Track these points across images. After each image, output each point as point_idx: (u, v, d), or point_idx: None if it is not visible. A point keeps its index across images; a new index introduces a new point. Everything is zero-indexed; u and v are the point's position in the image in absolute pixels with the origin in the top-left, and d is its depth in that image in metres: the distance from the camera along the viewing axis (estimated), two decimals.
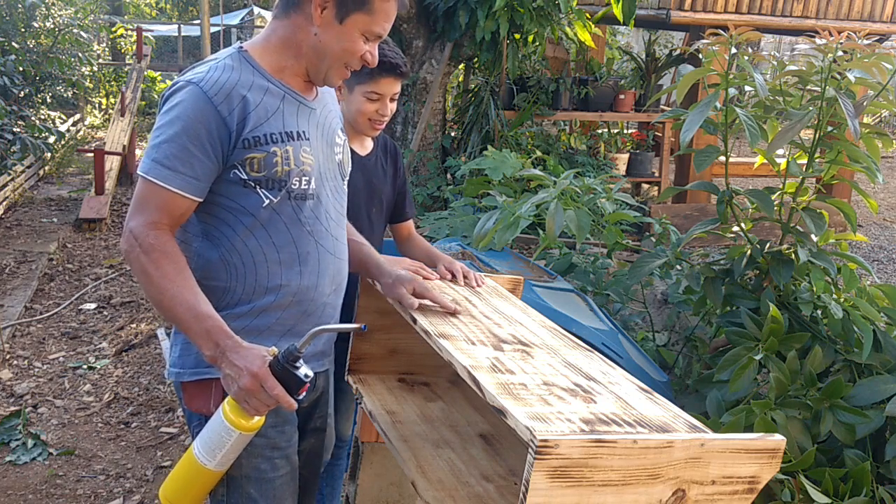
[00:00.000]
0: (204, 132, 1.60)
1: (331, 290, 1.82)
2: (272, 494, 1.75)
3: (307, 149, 1.72)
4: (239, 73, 1.66)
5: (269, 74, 1.70)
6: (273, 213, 1.69)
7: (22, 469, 3.36)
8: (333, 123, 1.86)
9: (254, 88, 1.66)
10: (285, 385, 1.52)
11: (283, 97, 1.71)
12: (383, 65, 2.20)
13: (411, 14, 6.88)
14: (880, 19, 8.23)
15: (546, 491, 1.19)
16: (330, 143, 1.82)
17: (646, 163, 8.23)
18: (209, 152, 1.61)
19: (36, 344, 4.69)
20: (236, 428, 1.56)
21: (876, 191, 10.18)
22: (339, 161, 1.86)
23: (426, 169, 7.21)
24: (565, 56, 8.02)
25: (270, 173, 1.66)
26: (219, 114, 1.61)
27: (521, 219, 3.30)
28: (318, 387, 1.91)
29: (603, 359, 1.66)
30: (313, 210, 1.75)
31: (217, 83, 1.62)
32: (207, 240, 1.70)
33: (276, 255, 1.71)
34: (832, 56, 2.62)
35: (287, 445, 1.78)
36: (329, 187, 1.80)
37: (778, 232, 2.92)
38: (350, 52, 1.68)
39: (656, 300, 4.11)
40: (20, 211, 7.51)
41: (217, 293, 1.70)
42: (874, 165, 2.75)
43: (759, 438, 1.33)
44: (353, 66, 1.72)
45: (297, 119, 1.72)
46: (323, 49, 1.68)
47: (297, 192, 1.70)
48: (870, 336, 2.56)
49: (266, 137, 1.65)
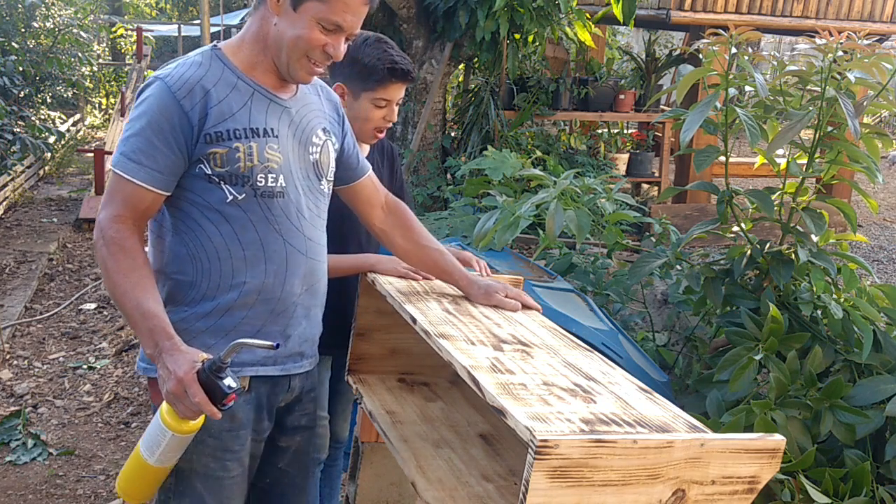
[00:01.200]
0: (167, 126, 1.63)
1: (302, 291, 1.81)
2: (219, 493, 1.76)
3: (274, 146, 1.72)
4: (206, 70, 1.68)
5: (240, 71, 1.71)
6: (239, 209, 1.70)
7: (22, 469, 3.36)
8: (313, 122, 1.84)
9: (220, 84, 1.68)
10: (210, 393, 1.51)
11: (252, 94, 1.72)
12: (395, 72, 2.19)
13: (411, 14, 6.88)
14: (880, 19, 8.23)
15: (546, 491, 1.19)
16: (304, 142, 1.80)
17: (646, 163, 8.23)
18: (172, 146, 1.64)
19: (36, 344, 4.69)
20: (169, 429, 1.57)
21: (876, 191, 10.18)
22: (315, 160, 1.83)
23: (426, 169, 7.21)
24: (565, 56, 8.02)
25: (233, 168, 1.67)
26: (181, 108, 1.63)
27: (521, 219, 3.30)
28: (295, 387, 1.89)
29: (603, 359, 1.66)
30: (283, 208, 1.74)
31: (181, 79, 1.65)
32: (177, 235, 1.72)
33: (241, 252, 1.71)
34: (832, 56, 2.62)
35: (240, 448, 1.78)
36: (301, 186, 1.79)
37: (778, 232, 2.92)
38: (306, 40, 1.67)
39: (656, 300, 4.11)
40: (20, 211, 7.51)
41: (183, 288, 1.72)
42: (874, 165, 2.75)
43: (759, 438, 1.33)
44: (316, 59, 1.70)
45: (266, 116, 1.72)
46: (280, 38, 1.68)
47: (264, 189, 1.71)
48: (870, 336, 2.56)
49: (229, 133, 1.67)
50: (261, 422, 1.82)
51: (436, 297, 1.92)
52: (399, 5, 6.76)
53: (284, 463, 1.94)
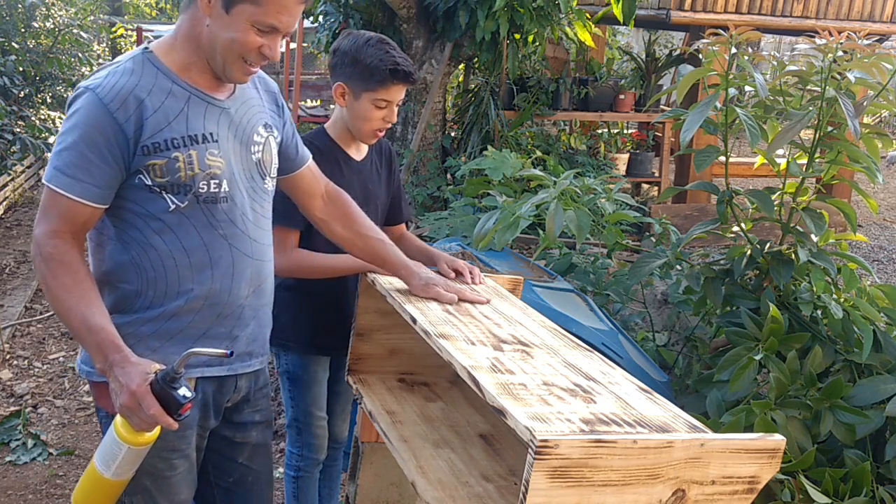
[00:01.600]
0: (101, 140, 1.58)
1: (248, 293, 1.80)
2: (167, 489, 1.77)
3: (214, 151, 1.69)
4: (139, 77, 1.63)
5: (173, 74, 1.66)
6: (182, 217, 1.67)
7: (22, 469, 3.36)
8: (253, 121, 1.80)
9: (154, 91, 1.63)
10: (165, 404, 1.50)
11: (189, 98, 1.67)
12: (397, 73, 2.18)
13: (411, 14, 6.87)
14: (880, 19, 8.23)
15: (546, 491, 1.19)
16: (245, 142, 1.77)
17: (646, 163, 8.22)
18: (108, 159, 1.59)
19: (36, 344, 4.69)
20: (125, 442, 1.55)
21: (876, 191, 10.18)
22: (258, 160, 1.80)
23: (426, 169, 7.20)
24: (565, 56, 8.02)
25: (174, 178, 1.64)
26: (115, 120, 1.59)
27: (520, 219, 3.30)
28: (242, 387, 1.88)
29: (603, 359, 1.66)
30: (227, 213, 1.72)
31: (113, 89, 1.60)
32: (120, 243, 1.69)
33: (186, 259, 1.69)
34: (832, 56, 2.62)
35: (186, 447, 1.78)
36: (244, 188, 1.76)
37: (778, 232, 2.92)
38: (241, 43, 1.62)
39: (656, 300, 4.11)
40: (20, 211, 7.50)
41: (129, 296, 1.70)
42: (874, 165, 2.75)
43: (758, 438, 1.33)
44: (252, 61, 1.65)
45: (204, 121, 1.68)
46: (214, 41, 1.63)
47: (207, 195, 1.68)
48: (870, 336, 2.56)
49: (167, 143, 1.63)
50: (206, 419, 1.82)
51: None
52: (399, 5, 6.76)
53: (245, 458, 1.94)
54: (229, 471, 1.93)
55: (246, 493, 1.96)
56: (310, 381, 2.40)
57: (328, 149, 2.33)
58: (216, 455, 1.91)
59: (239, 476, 1.94)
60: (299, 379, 2.39)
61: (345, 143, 2.35)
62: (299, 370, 2.39)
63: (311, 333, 2.37)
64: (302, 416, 2.42)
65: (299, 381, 2.39)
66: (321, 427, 2.45)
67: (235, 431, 1.91)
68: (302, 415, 2.42)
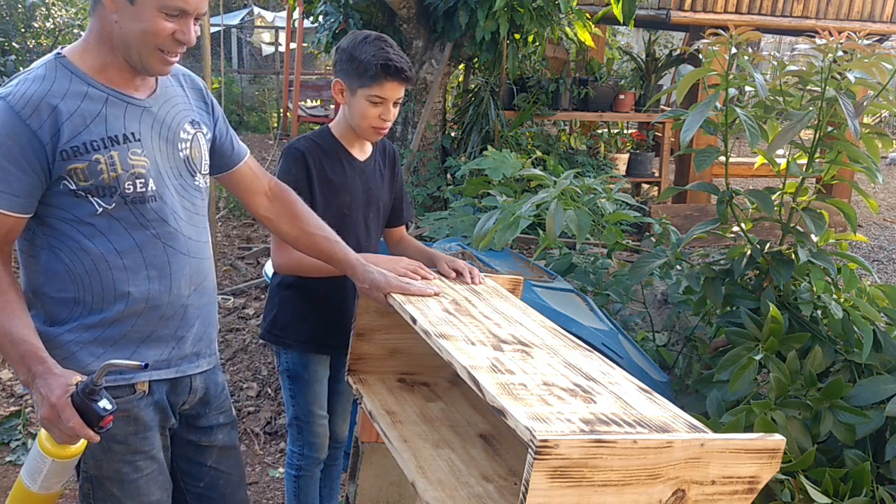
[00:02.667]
0: (16, 149, 1.55)
1: (189, 291, 1.78)
2: (136, 493, 1.75)
3: (137, 150, 1.66)
4: (51, 83, 1.59)
5: (89, 77, 1.63)
6: (111, 219, 1.65)
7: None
8: (178, 117, 1.76)
9: (69, 96, 1.59)
10: (85, 417, 1.48)
11: (106, 100, 1.63)
12: (389, 68, 2.18)
13: (411, 14, 6.88)
14: (880, 19, 8.23)
15: (546, 491, 1.19)
16: (171, 139, 1.74)
17: (646, 163, 8.23)
18: (26, 168, 1.57)
19: None
20: (49, 455, 1.54)
21: (876, 191, 10.18)
22: (185, 157, 1.77)
23: (426, 169, 7.21)
24: (565, 56, 8.02)
25: (98, 181, 1.61)
26: (28, 128, 1.55)
27: (521, 219, 3.30)
28: (197, 388, 1.87)
29: (603, 359, 1.66)
30: (157, 212, 1.70)
31: (24, 97, 1.57)
32: (52, 252, 1.67)
33: (119, 262, 1.67)
34: (832, 56, 2.62)
35: (150, 447, 1.77)
36: (173, 186, 1.74)
37: (778, 232, 2.92)
38: (152, 33, 1.58)
39: (656, 300, 4.11)
40: None
41: (68, 305, 1.68)
42: (874, 165, 2.75)
43: (758, 438, 1.33)
44: (168, 49, 1.61)
45: (125, 121, 1.65)
46: (125, 35, 1.59)
47: (134, 195, 1.66)
48: (870, 336, 2.56)
49: (85, 146, 1.60)
50: (167, 419, 1.82)
51: (436, 297, 1.92)
52: (399, 5, 6.76)
53: (213, 461, 1.94)
54: (199, 476, 1.93)
55: (219, 497, 1.96)
56: (310, 380, 2.40)
57: (331, 147, 2.33)
58: (184, 461, 1.91)
59: (210, 480, 1.94)
60: (300, 377, 2.39)
61: (348, 143, 2.35)
62: (299, 368, 2.39)
63: (312, 332, 2.37)
64: (303, 414, 2.42)
65: (300, 379, 2.39)
66: (322, 426, 2.45)
67: (201, 436, 1.91)
68: (303, 413, 2.42)
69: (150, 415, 1.76)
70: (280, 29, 15.05)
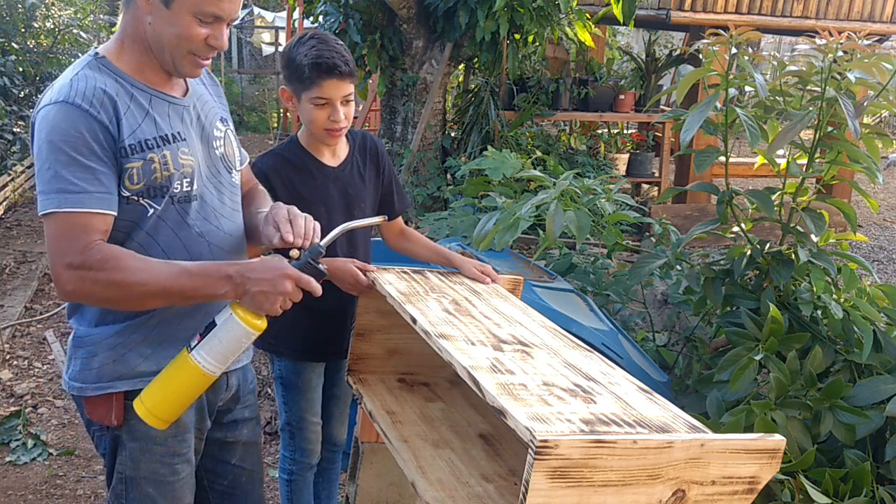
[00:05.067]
0: (96, 145, 1.54)
1: None
2: (171, 495, 1.77)
3: (185, 150, 1.67)
4: (103, 80, 1.59)
5: (130, 77, 1.62)
6: (158, 220, 1.64)
7: (22, 469, 3.36)
8: (210, 116, 1.77)
9: (119, 95, 1.59)
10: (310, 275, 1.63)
11: (151, 99, 1.64)
12: (320, 66, 2.08)
13: (411, 14, 6.88)
14: (880, 19, 8.23)
15: (546, 491, 1.19)
16: (206, 138, 1.75)
17: (646, 163, 8.23)
18: (108, 163, 1.56)
19: (36, 344, 4.69)
20: (256, 330, 1.62)
21: (876, 191, 10.18)
22: (221, 154, 1.78)
23: (426, 169, 7.21)
24: (565, 56, 8.02)
25: (150, 181, 1.61)
26: (101, 122, 1.54)
27: (521, 220, 3.30)
28: (232, 385, 1.89)
29: (603, 359, 1.66)
30: (199, 211, 1.70)
31: (85, 93, 1.55)
32: None
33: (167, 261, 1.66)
34: (832, 56, 2.62)
35: (187, 450, 1.78)
36: (212, 185, 1.75)
37: (778, 232, 2.92)
38: (186, 38, 1.58)
39: (656, 300, 4.11)
40: (20, 211, 7.50)
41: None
42: (874, 165, 2.75)
43: (758, 438, 1.33)
44: (201, 53, 1.62)
45: (170, 120, 1.66)
46: (159, 38, 1.59)
47: (181, 195, 1.66)
48: (870, 336, 2.56)
49: (141, 144, 1.59)
50: (203, 421, 1.83)
51: (436, 297, 1.92)
52: (399, 5, 6.76)
53: (237, 458, 1.94)
54: (223, 474, 1.93)
55: (241, 494, 1.96)
56: (303, 387, 2.37)
57: (298, 159, 2.25)
58: (209, 460, 1.91)
59: (233, 478, 1.94)
60: (293, 384, 2.36)
61: (317, 151, 2.27)
62: (292, 376, 2.36)
63: (305, 340, 2.32)
64: (295, 420, 2.40)
65: (293, 386, 2.36)
66: (315, 432, 2.43)
67: (227, 432, 1.91)
68: (295, 420, 2.40)
69: (189, 416, 1.77)
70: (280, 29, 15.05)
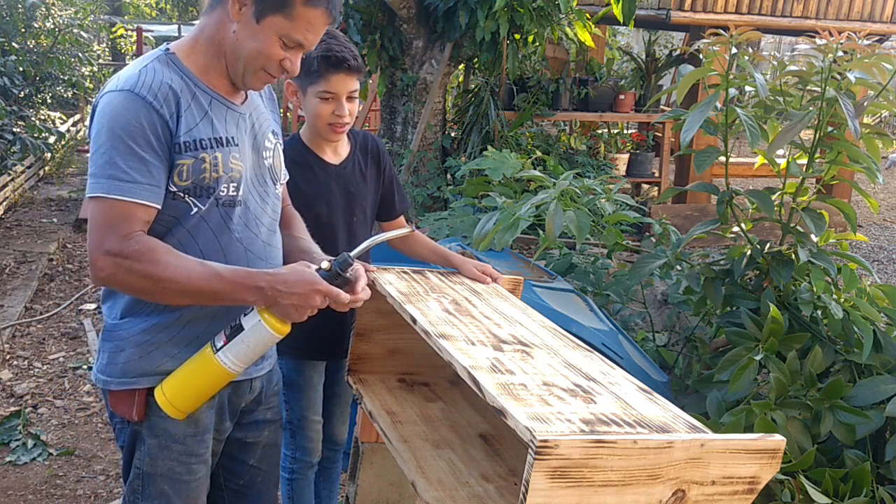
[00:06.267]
0: (154, 138, 1.57)
1: None
2: (186, 494, 1.78)
3: (237, 155, 1.69)
4: (169, 76, 1.62)
5: (195, 77, 1.66)
6: (201, 220, 1.66)
7: (22, 469, 3.36)
8: (264, 126, 1.81)
9: (184, 92, 1.63)
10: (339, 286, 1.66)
11: (211, 102, 1.67)
12: (329, 60, 2.11)
13: (411, 14, 6.88)
14: (880, 19, 8.23)
15: (546, 491, 1.19)
16: (258, 148, 1.78)
17: (646, 163, 8.23)
18: (161, 157, 1.59)
19: (36, 344, 4.69)
20: (281, 335, 1.65)
21: (876, 191, 10.18)
22: (269, 165, 1.81)
23: (426, 169, 7.21)
24: (565, 56, 8.02)
25: (198, 180, 1.63)
26: (161, 117, 1.58)
27: (520, 220, 3.30)
28: (255, 388, 1.89)
29: (603, 359, 1.66)
30: (242, 217, 1.72)
31: (151, 86, 1.58)
32: None
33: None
34: (832, 56, 2.62)
35: (204, 451, 1.79)
36: (257, 193, 1.77)
37: (778, 232, 2.92)
38: (265, 55, 1.63)
39: (656, 300, 4.11)
40: (20, 211, 7.50)
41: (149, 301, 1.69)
42: (874, 165, 2.75)
43: (759, 439, 1.33)
44: (272, 72, 1.66)
45: (226, 124, 1.68)
46: (239, 48, 1.63)
47: (226, 199, 1.68)
48: (870, 336, 2.56)
49: (196, 143, 1.62)
50: (222, 423, 1.83)
51: (436, 297, 1.92)
52: (399, 5, 6.76)
53: (255, 459, 1.94)
54: (240, 473, 1.93)
55: (255, 494, 1.97)
56: (304, 386, 2.37)
57: (301, 156, 2.27)
58: (227, 458, 1.91)
59: (249, 478, 1.95)
60: (294, 383, 2.37)
61: (318, 148, 2.29)
62: (294, 374, 2.36)
63: (305, 340, 2.30)
64: (296, 419, 2.40)
65: (294, 385, 2.37)
66: (315, 431, 2.44)
67: (248, 432, 1.91)
68: (296, 418, 2.40)
69: (210, 417, 1.77)
70: None
